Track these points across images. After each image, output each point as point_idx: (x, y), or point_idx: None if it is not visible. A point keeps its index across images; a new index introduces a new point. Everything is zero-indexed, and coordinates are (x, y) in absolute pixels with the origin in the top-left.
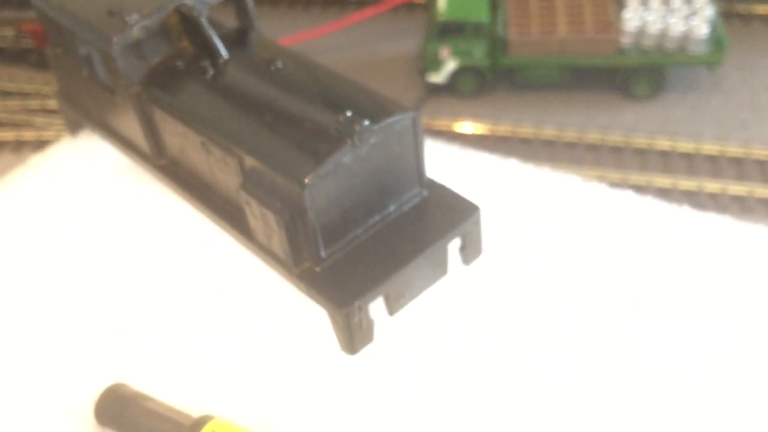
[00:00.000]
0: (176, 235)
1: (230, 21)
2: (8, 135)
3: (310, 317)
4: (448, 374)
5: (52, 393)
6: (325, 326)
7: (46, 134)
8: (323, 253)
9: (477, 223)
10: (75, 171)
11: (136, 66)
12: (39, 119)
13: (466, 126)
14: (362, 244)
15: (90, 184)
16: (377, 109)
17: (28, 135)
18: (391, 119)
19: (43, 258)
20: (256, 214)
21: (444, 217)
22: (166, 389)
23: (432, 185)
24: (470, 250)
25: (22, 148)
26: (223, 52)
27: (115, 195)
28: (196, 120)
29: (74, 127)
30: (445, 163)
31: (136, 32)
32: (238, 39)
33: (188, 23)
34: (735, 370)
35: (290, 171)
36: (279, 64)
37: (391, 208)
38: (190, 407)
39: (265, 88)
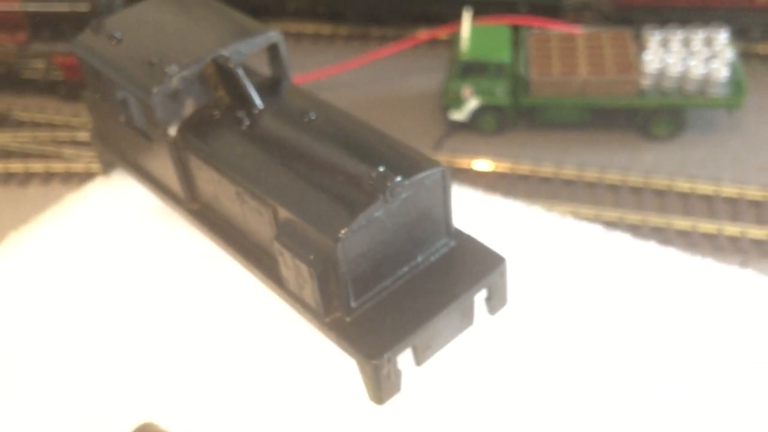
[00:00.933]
0: (207, 277)
1: (261, 64)
2: (37, 166)
3: (339, 361)
4: (471, 422)
5: (81, 429)
6: (352, 369)
7: (75, 166)
8: (353, 304)
9: (503, 275)
10: (108, 210)
11: (173, 114)
12: (68, 151)
13: (487, 164)
14: (391, 295)
15: (123, 224)
16: (408, 163)
17: (57, 166)
18: (422, 174)
19: (75, 296)
20: (288, 264)
21: (471, 268)
22: (195, 429)
23: (458, 235)
24: (496, 301)
25: (50, 179)
26: (258, 102)
27: (148, 235)
28: (231, 170)
29: (108, 167)
30: (470, 209)
31: (174, 83)
32: (271, 88)
33: (224, 74)
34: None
35: (324, 225)
36: (312, 115)
37: (420, 258)
38: None
39: (299, 139)
